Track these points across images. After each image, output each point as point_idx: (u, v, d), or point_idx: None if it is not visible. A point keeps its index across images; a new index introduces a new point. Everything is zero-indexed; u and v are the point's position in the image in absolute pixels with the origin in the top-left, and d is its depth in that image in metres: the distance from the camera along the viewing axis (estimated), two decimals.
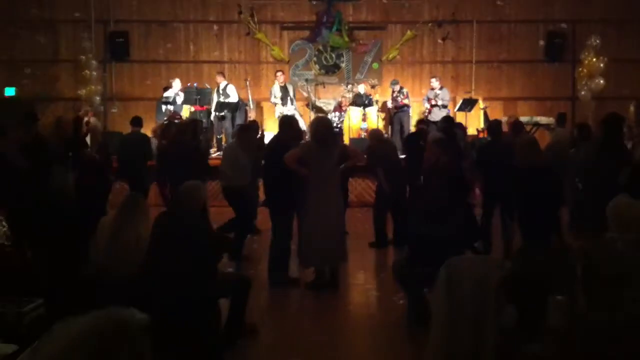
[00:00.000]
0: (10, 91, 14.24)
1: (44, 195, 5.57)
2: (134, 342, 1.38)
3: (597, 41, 13.75)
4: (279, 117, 11.81)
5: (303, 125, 11.65)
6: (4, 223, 5.50)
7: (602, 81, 13.74)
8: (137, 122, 10.02)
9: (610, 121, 6.43)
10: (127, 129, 10.64)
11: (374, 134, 9.19)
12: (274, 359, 4.99)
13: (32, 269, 4.19)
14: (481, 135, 12.57)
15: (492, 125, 9.00)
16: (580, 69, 14.08)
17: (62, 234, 4.82)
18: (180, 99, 12.93)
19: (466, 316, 4.11)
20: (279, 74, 13.46)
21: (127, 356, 1.35)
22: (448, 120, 9.93)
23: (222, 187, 8.40)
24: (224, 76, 13.47)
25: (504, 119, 12.30)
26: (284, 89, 13.27)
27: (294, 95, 13.54)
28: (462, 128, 10.35)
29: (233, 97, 13.18)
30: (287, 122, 7.30)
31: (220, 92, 13.13)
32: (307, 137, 8.82)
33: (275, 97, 13.24)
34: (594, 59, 13.81)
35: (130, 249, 4.67)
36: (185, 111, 12.81)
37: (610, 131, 6.35)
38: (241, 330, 5.24)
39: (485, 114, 13.48)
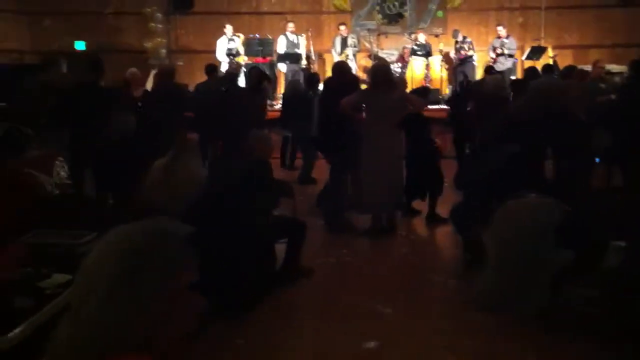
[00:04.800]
0: (80, 45, 14.61)
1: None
2: (167, 247, 1.38)
3: None
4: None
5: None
6: (65, 169, 5.69)
7: None
8: (212, 69, 9.70)
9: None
10: (192, 81, 10.76)
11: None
12: (331, 301, 5.04)
13: (91, 205, 4.34)
14: None
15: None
16: None
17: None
18: (241, 50, 12.98)
19: (519, 256, 4.07)
20: (342, 27, 13.33)
21: (159, 261, 1.36)
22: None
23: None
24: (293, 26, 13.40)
25: (587, 67, 11.83)
26: (343, 41, 13.16)
27: (357, 46, 13.40)
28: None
29: (302, 48, 13.16)
30: (339, 67, 7.26)
31: (292, 41, 13.09)
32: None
33: (335, 49, 13.16)
34: None
35: (183, 187, 4.79)
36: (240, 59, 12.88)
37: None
38: (297, 272, 5.33)
39: (555, 63, 12.99)
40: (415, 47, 13.17)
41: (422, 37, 13.30)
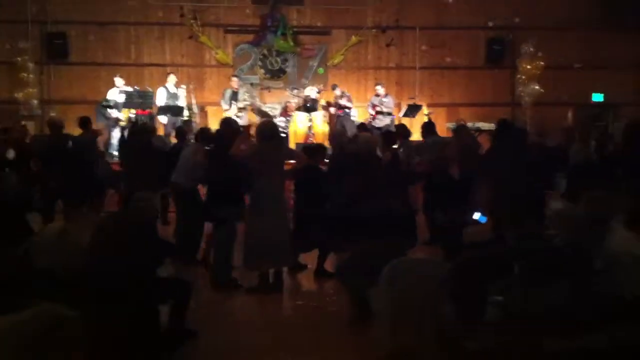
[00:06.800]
0: None
1: None
2: (65, 335, 1.31)
3: (531, 49, 14.10)
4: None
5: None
6: None
7: (537, 87, 14.09)
8: (86, 122, 9.51)
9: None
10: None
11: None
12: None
13: None
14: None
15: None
16: (518, 75, 14.41)
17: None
18: (121, 101, 12.62)
19: (409, 312, 4.14)
20: (234, 79, 13.37)
21: (60, 348, 1.28)
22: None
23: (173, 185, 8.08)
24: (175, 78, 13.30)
25: (449, 124, 12.64)
26: (234, 94, 13.14)
27: (247, 100, 13.42)
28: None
29: (182, 100, 13.01)
30: (226, 122, 7.29)
31: (173, 93, 12.94)
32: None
33: (225, 101, 13.09)
34: (529, 66, 14.16)
35: (74, 253, 4.53)
36: (125, 113, 12.54)
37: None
38: (182, 335, 5.12)
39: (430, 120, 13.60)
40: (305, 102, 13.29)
41: (313, 92, 13.47)
